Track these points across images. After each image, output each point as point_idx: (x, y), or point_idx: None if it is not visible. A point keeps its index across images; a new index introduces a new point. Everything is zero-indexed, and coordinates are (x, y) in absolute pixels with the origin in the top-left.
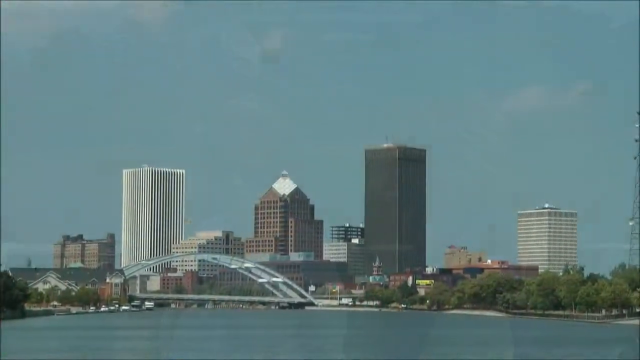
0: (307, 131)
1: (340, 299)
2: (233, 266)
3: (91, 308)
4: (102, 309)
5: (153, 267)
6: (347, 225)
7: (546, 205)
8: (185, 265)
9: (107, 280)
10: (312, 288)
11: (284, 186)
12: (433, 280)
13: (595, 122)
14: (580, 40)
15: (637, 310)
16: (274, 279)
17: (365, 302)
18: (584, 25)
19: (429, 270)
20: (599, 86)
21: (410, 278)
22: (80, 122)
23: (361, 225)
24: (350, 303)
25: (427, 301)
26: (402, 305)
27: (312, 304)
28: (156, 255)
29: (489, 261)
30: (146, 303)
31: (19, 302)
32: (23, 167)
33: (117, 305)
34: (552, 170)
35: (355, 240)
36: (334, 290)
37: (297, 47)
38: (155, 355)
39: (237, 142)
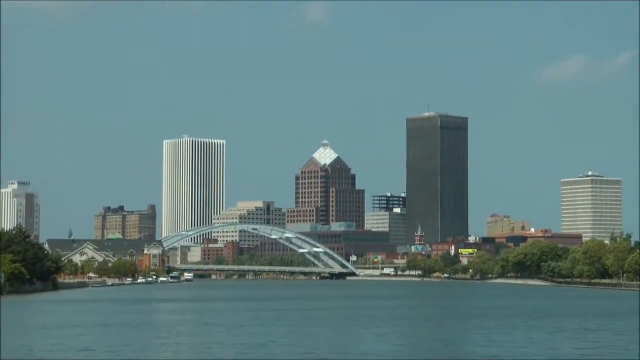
0: (347, 100)
1: (382, 268)
2: (274, 236)
3: (128, 280)
4: (139, 281)
5: (194, 238)
6: (389, 194)
7: (589, 173)
8: (226, 236)
9: (145, 251)
10: (353, 258)
11: (325, 156)
12: (476, 249)
13: (638, 92)
14: (622, 10)
15: None
16: (315, 249)
17: (407, 272)
18: None
19: (471, 239)
20: None
21: (453, 247)
22: (121, 93)
23: (403, 195)
24: (392, 273)
25: (470, 270)
26: (445, 275)
27: (353, 274)
28: (197, 225)
29: (532, 229)
30: (185, 274)
31: (51, 273)
32: (65, 139)
33: (154, 277)
34: (595, 138)
35: (396, 210)
36: (375, 260)
37: (339, 18)
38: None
39: (277, 112)
